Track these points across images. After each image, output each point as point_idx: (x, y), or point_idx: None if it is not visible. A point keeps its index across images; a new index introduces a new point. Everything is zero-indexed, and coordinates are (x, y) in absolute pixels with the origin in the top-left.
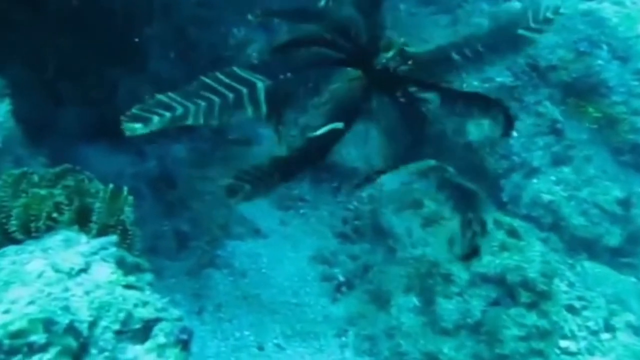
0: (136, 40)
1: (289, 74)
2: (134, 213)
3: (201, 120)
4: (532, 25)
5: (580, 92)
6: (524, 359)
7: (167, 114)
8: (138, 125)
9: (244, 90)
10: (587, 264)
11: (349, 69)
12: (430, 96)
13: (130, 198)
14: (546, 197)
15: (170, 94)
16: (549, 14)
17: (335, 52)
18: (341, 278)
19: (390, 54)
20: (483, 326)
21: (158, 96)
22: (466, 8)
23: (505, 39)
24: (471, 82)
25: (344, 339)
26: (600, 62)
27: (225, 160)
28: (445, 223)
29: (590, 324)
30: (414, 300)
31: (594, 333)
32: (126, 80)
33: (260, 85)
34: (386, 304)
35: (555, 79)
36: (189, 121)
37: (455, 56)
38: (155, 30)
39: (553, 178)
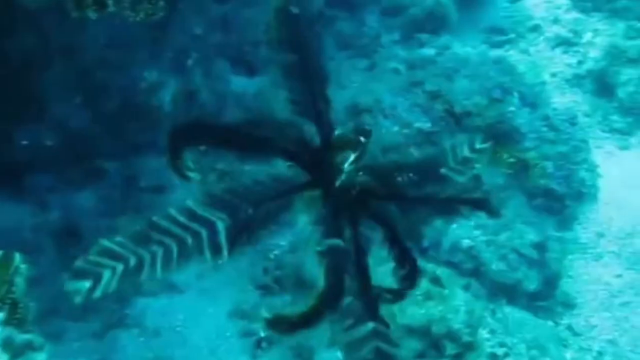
0: (34, 85)
1: (249, 210)
2: (32, 270)
3: (158, 273)
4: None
5: (495, 137)
6: None
7: (120, 266)
8: (86, 284)
9: (203, 232)
10: (508, 309)
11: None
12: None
13: (24, 266)
14: (466, 242)
15: (117, 239)
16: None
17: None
18: (262, 333)
19: (348, 165)
20: None
21: (103, 242)
22: (382, 53)
23: None
24: (391, 128)
25: None
26: (512, 108)
27: (136, 210)
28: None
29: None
30: (338, 355)
31: None
32: (23, 128)
33: (220, 225)
34: (309, 359)
35: (470, 125)
36: (144, 275)
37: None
38: (56, 74)
39: (472, 223)
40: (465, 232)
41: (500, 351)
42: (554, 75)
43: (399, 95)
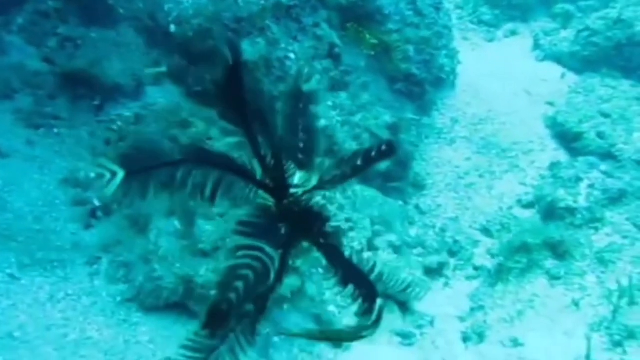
0: None
1: None
2: None
3: None
4: None
5: (358, 17)
6: None
7: None
8: None
9: None
10: (358, 188)
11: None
12: None
13: None
14: (322, 122)
15: None
16: None
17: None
18: (96, 202)
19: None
20: None
21: None
22: None
23: None
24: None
25: (95, 267)
26: None
27: None
28: (214, 144)
29: (355, 244)
30: (175, 224)
31: (357, 253)
32: None
33: None
34: (145, 228)
35: (333, 2)
36: None
37: None
38: None
39: (330, 103)
40: (322, 111)
41: (345, 226)
42: None
43: None
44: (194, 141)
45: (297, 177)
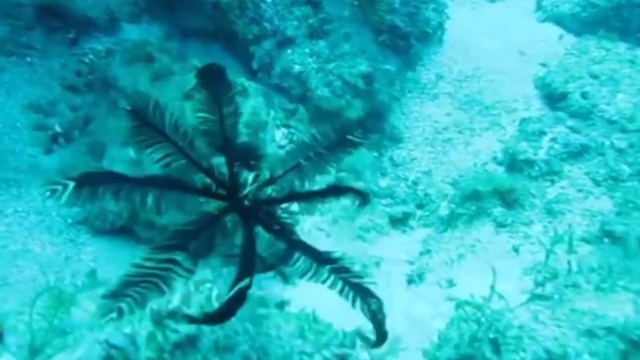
0: None
1: None
2: None
3: None
4: None
5: None
6: None
7: None
8: None
9: None
10: None
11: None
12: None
13: None
14: (297, 68)
15: None
16: None
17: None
18: (58, 128)
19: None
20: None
21: None
22: None
23: None
24: None
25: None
26: None
27: None
28: (174, 78)
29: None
30: (130, 153)
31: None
32: None
33: None
34: (101, 156)
35: None
36: None
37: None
38: None
39: (307, 50)
40: (298, 58)
41: None
42: None
43: None
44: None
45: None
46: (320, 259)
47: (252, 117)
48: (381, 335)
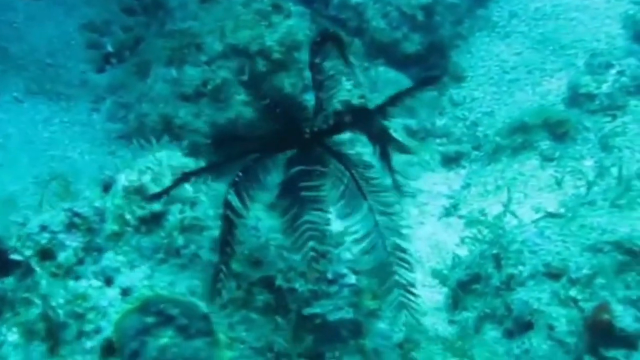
0: None
1: None
2: None
3: None
4: None
5: None
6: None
7: None
8: None
9: None
10: (382, 69)
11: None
12: None
13: None
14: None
15: None
16: None
17: None
18: (110, 48)
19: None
20: (221, 93)
21: None
22: None
23: None
24: None
25: (98, 105)
26: None
27: None
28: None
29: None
30: (173, 72)
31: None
32: None
33: None
34: (146, 75)
35: None
36: None
37: None
38: None
39: None
40: None
41: (356, 102)
42: None
43: None
44: None
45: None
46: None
47: (286, 35)
48: None
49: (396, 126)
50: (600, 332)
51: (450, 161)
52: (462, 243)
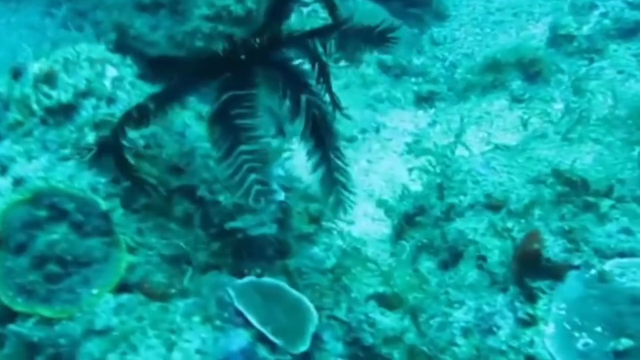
0: None
1: None
2: None
3: None
4: None
5: None
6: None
7: None
8: None
9: None
10: (361, 0)
11: None
12: None
13: None
14: None
15: None
16: None
17: None
18: None
19: None
20: (179, 4)
21: None
22: None
23: None
24: None
25: (52, 9)
26: None
27: None
28: None
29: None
30: None
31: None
32: None
33: None
34: None
35: None
36: None
37: None
38: None
39: None
40: None
41: None
42: None
43: None
44: None
45: None
46: None
47: None
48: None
49: (370, 60)
50: (528, 262)
51: (422, 100)
52: (410, 173)
